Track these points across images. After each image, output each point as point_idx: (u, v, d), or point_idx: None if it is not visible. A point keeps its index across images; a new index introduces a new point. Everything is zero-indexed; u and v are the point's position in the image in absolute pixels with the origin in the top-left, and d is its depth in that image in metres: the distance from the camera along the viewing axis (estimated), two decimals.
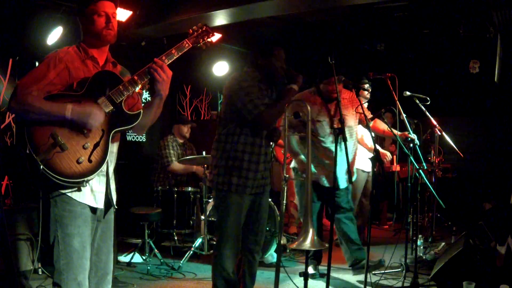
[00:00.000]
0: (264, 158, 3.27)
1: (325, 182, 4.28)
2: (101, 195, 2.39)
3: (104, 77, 2.34)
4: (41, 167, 2.13)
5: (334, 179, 3.47)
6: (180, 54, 2.46)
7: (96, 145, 2.27)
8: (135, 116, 2.39)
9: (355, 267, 4.29)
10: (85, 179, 2.23)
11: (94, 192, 2.36)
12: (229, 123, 3.20)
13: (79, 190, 2.28)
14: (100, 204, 2.39)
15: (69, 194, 2.28)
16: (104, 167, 2.35)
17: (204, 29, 2.59)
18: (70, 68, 2.30)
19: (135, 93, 2.55)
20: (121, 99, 2.33)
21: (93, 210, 2.38)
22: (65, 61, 2.29)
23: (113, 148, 2.46)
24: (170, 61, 2.42)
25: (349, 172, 3.53)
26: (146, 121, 2.51)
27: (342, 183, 4.31)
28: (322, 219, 4.58)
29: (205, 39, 2.60)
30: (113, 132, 2.33)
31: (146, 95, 7.15)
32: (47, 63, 2.27)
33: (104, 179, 2.41)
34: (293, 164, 4.49)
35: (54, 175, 2.16)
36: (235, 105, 3.14)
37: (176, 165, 5.61)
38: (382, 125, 4.59)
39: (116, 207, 2.52)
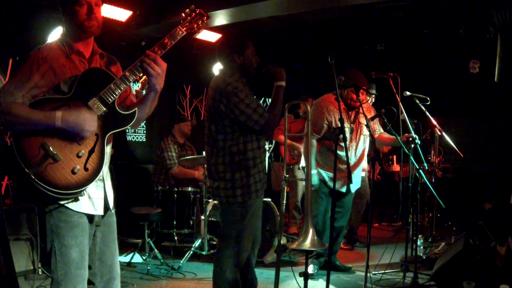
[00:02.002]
0: (264, 156, 3.26)
1: (341, 188, 4.35)
2: (100, 201, 2.26)
3: (93, 75, 2.17)
4: (44, 187, 2.01)
5: (334, 182, 3.49)
6: (174, 42, 2.28)
7: (91, 152, 2.12)
8: (129, 116, 2.23)
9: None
10: (83, 189, 2.10)
11: (92, 199, 2.22)
12: (229, 134, 3.07)
13: (76, 200, 2.14)
14: (99, 210, 2.25)
15: (66, 205, 2.14)
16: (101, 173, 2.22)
17: (197, 12, 2.37)
18: (55, 67, 2.12)
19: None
20: (113, 98, 2.15)
21: (91, 217, 2.25)
22: (49, 60, 2.12)
23: (107, 148, 2.31)
24: (164, 51, 2.25)
25: (349, 173, 3.51)
26: (141, 116, 2.33)
27: (354, 186, 4.41)
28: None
29: (200, 23, 2.38)
30: (108, 134, 2.19)
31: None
32: (29, 64, 2.09)
33: (101, 184, 2.27)
34: (302, 163, 4.53)
35: (49, 188, 2.01)
36: (236, 117, 3.01)
37: (179, 169, 5.61)
38: (385, 135, 4.60)
39: (112, 210, 2.35)
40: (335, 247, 4.62)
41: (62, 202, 2.13)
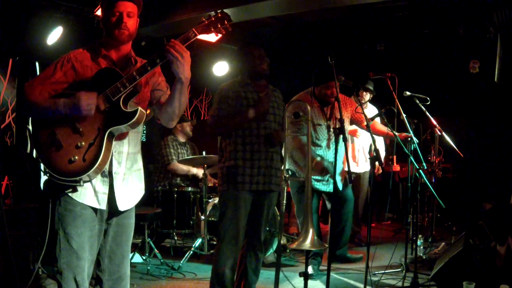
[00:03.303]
0: (264, 156, 3.31)
1: (321, 187, 4.31)
2: (104, 196, 2.36)
3: (104, 74, 2.32)
4: (48, 172, 2.25)
5: (334, 181, 3.49)
6: (185, 44, 2.30)
7: (91, 144, 2.26)
8: (131, 113, 2.29)
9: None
10: (78, 178, 2.24)
11: (97, 193, 2.34)
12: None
13: (75, 190, 2.29)
14: (103, 205, 2.36)
15: (70, 194, 2.30)
16: (106, 167, 2.31)
17: (219, 15, 2.33)
18: (77, 67, 2.33)
19: (163, 84, 2.49)
20: (117, 96, 2.27)
21: (96, 211, 2.36)
22: (73, 61, 2.34)
23: (122, 147, 2.39)
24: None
25: (349, 172, 3.48)
26: (172, 110, 2.40)
27: (339, 185, 4.38)
28: (319, 217, 4.61)
29: (219, 26, 2.32)
30: (109, 130, 2.27)
31: None
32: (55, 63, 2.34)
33: (107, 180, 2.36)
34: (287, 165, 4.49)
35: (50, 172, 2.25)
36: None
37: (176, 165, 5.60)
38: (378, 126, 4.59)
39: (120, 210, 2.40)
40: (343, 239, 4.79)
41: (66, 191, 2.30)
